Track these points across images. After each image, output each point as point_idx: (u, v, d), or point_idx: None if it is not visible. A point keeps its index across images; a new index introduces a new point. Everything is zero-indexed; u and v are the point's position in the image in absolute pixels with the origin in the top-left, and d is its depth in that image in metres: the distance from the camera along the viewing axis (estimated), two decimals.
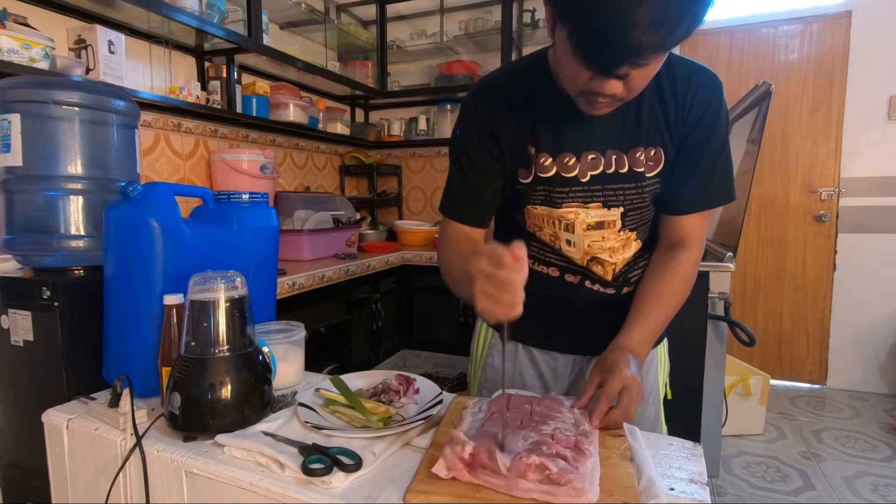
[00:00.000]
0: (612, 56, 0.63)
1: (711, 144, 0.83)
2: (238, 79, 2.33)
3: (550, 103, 0.83)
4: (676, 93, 0.81)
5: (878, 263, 2.87)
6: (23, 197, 1.08)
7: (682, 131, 0.82)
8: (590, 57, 0.65)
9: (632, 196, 0.85)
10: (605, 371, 0.76)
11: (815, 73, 2.91)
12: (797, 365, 3.07)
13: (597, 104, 0.72)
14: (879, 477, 2.08)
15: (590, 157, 0.83)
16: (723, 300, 1.89)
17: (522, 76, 0.87)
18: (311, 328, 1.99)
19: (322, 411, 0.83)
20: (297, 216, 2.38)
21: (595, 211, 0.86)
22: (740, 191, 1.98)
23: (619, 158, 0.83)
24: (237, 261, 1.00)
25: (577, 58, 0.66)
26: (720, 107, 0.83)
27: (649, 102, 0.81)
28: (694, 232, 0.87)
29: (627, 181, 0.84)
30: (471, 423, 0.73)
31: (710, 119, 0.82)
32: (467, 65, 3.02)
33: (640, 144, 0.83)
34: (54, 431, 0.87)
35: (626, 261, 0.91)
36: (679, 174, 0.85)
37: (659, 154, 0.84)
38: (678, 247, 0.88)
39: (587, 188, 0.85)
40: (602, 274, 0.91)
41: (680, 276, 0.86)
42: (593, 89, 0.69)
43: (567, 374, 1.01)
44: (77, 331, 1.05)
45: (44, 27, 1.62)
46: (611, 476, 0.63)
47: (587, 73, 0.67)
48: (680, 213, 0.87)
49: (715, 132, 0.83)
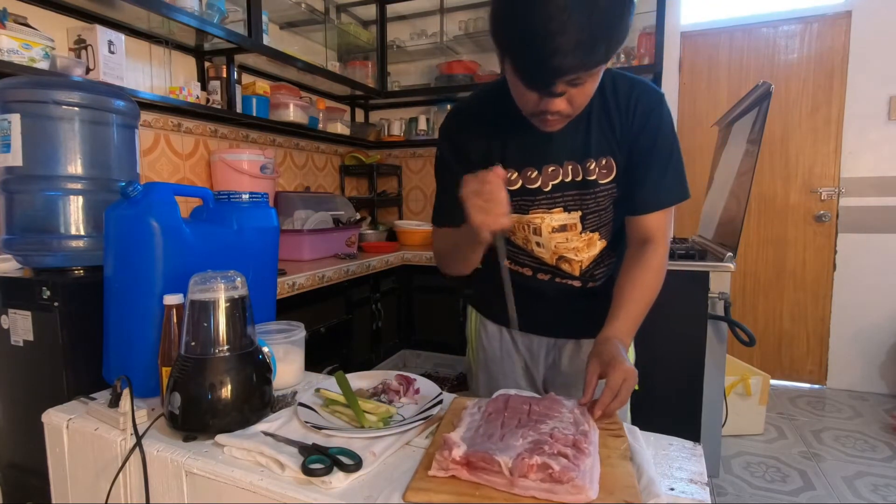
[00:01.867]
0: (544, 77, 0.74)
1: (659, 148, 0.92)
2: (238, 79, 2.33)
3: (514, 123, 0.92)
4: (619, 105, 0.91)
5: (878, 263, 2.87)
6: (23, 197, 1.08)
7: (628, 139, 0.92)
8: (530, 80, 0.76)
9: (588, 201, 0.96)
10: (604, 364, 0.80)
11: (815, 73, 2.90)
12: (797, 365, 3.07)
13: (547, 121, 0.83)
14: (879, 477, 2.07)
15: (550, 168, 0.94)
16: (723, 300, 1.89)
17: (490, 100, 0.97)
18: (311, 328, 1.99)
19: (322, 411, 0.83)
20: (297, 216, 2.38)
21: (557, 215, 0.97)
22: (741, 190, 1.98)
23: (575, 168, 0.94)
24: (237, 261, 1.00)
25: (521, 83, 0.78)
26: (661, 113, 0.92)
27: (597, 117, 0.92)
28: (658, 229, 0.95)
29: (582, 188, 0.94)
30: (469, 424, 0.73)
31: (654, 124, 0.91)
32: (467, 65, 3.02)
33: (591, 156, 0.93)
34: (54, 431, 0.87)
35: (591, 258, 1.02)
36: (634, 178, 0.94)
37: (610, 163, 0.93)
38: (646, 243, 0.96)
39: (549, 196, 0.96)
40: (570, 271, 1.03)
41: (651, 270, 0.94)
42: (542, 108, 0.80)
43: (542, 354, 1.11)
44: (77, 331, 1.06)
45: (44, 27, 1.62)
46: (611, 475, 0.63)
47: (533, 96, 0.78)
48: (640, 213, 0.95)
49: (660, 136, 0.92)
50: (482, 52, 3.10)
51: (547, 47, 0.69)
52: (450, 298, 2.68)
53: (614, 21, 0.70)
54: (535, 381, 1.12)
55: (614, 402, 0.77)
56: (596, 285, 1.05)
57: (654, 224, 0.95)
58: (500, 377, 1.11)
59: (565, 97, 0.78)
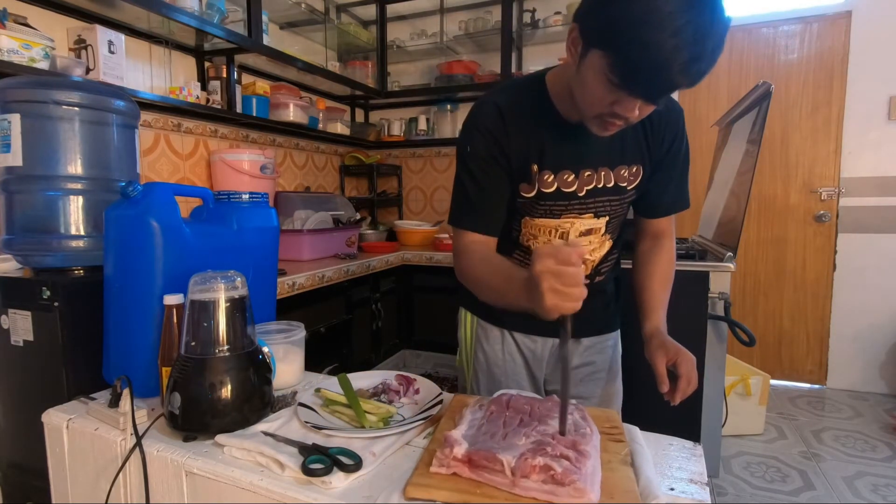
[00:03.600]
0: (663, 85, 0.70)
1: (680, 162, 1.00)
2: (238, 79, 2.33)
3: (552, 124, 0.92)
4: (652, 119, 0.92)
5: (878, 263, 2.87)
6: (23, 197, 1.08)
7: (658, 150, 0.96)
8: (636, 84, 0.71)
9: (615, 206, 0.99)
10: (671, 355, 0.88)
11: (815, 73, 2.90)
12: (797, 365, 3.07)
13: (611, 126, 0.80)
14: (879, 477, 2.07)
15: (586, 173, 0.94)
16: (723, 300, 1.88)
17: (527, 98, 0.94)
18: (311, 328, 1.98)
19: (322, 411, 0.83)
20: (297, 216, 2.38)
21: (587, 220, 0.99)
22: (741, 190, 1.98)
23: (607, 174, 0.95)
24: (237, 261, 1.00)
25: (615, 84, 0.71)
26: (684, 131, 0.99)
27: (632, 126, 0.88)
28: (669, 226, 1.08)
29: (612, 194, 0.97)
30: (470, 422, 0.73)
31: (679, 141, 0.97)
32: (467, 65, 3.02)
33: (625, 163, 0.95)
34: (54, 431, 0.87)
35: (600, 258, 1.05)
36: (657, 186, 1.00)
37: (638, 171, 0.97)
38: (660, 237, 1.07)
39: (582, 201, 0.96)
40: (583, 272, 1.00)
41: (668, 258, 1.06)
42: (615, 112, 0.76)
43: (545, 355, 1.11)
44: (77, 331, 1.05)
45: (44, 27, 1.62)
46: (611, 480, 0.63)
47: (613, 97, 0.74)
48: (659, 216, 1.05)
49: (681, 152, 0.99)
50: (482, 52, 3.10)
51: (679, 53, 0.64)
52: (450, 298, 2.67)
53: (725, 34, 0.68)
54: (537, 381, 1.12)
55: (689, 387, 0.85)
56: (601, 280, 1.07)
57: (668, 222, 1.07)
58: (503, 379, 1.11)
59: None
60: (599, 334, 1.12)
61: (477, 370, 1.15)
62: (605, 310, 1.13)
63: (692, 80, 0.68)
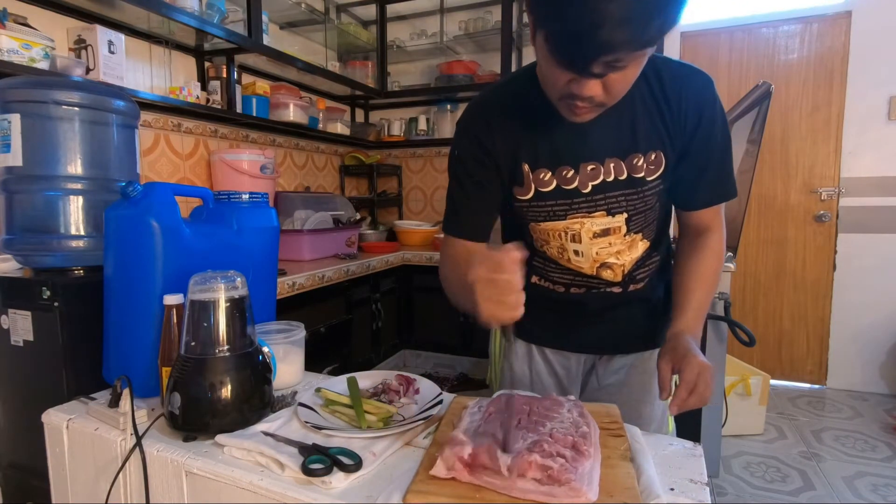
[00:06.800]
0: (585, 53, 0.62)
1: (715, 142, 0.84)
2: (238, 79, 2.33)
3: (543, 117, 0.83)
4: (668, 96, 0.81)
5: (878, 263, 2.86)
6: (23, 197, 1.07)
7: (682, 134, 0.83)
8: (564, 56, 0.65)
9: (634, 201, 0.86)
10: (677, 359, 0.77)
11: (815, 73, 2.90)
12: (797, 365, 3.07)
13: (576, 108, 0.72)
14: (879, 477, 2.07)
15: (589, 167, 0.84)
16: (723, 300, 1.89)
17: (514, 93, 0.87)
18: (311, 328, 1.98)
19: (322, 411, 0.83)
20: (297, 216, 2.38)
21: (600, 219, 0.87)
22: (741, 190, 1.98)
23: (618, 166, 0.83)
24: (237, 261, 1.00)
25: (554, 59, 0.67)
26: (714, 103, 0.83)
27: (643, 108, 0.81)
28: (714, 219, 0.91)
29: (628, 187, 0.84)
30: (469, 423, 0.73)
31: (708, 117, 0.82)
32: (467, 65, 3.02)
33: (639, 151, 0.83)
34: (54, 431, 0.87)
35: (633, 261, 0.92)
36: (689, 174, 0.86)
37: (660, 157, 0.83)
38: (702, 233, 0.91)
39: (589, 198, 0.85)
40: (612, 278, 0.93)
41: (711, 253, 0.90)
42: (572, 92, 0.69)
43: (579, 372, 1.04)
44: (77, 331, 1.05)
45: (44, 27, 1.62)
46: (611, 477, 0.63)
47: (566, 76, 0.68)
48: (697, 209, 0.90)
49: (716, 130, 0.83)
50: (482, 52, 3.10)
51: (593, 16, 0.58)
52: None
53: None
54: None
55: (692, 397, 0.72)
56: (638, 288, 0.96)
57: (712, 214, 0.91)
58: None
59: (601, 81, 0.67)
60: (641, 351, 1.00)
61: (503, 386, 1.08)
62: (650, 321, 0.99)
63: (616, 47, 0.61)
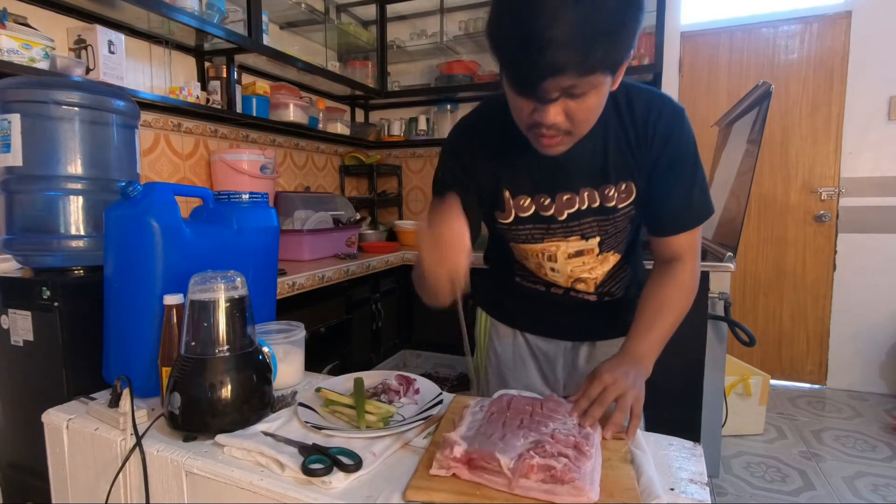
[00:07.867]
0: (534, 75, 0.64)
1: (682, 170, 0.85)
2: (238, 79, 2.33)
3: (522, 146, 0.82)
4: (636, 123, 0.83)
5: (878, 263, 2.86)
6: (23, 197, 1.08)
7: (648, 161, 0.84)
8: (518, 80, 0.67)
9: (606, 226, 0.90)
10: (594, 371, 0.79)
11: (815, 73, 2.90)
12: (797, 365, 3.07)
13: (542, 137, 0.73)
14: (879, 477, 2.07)
15: (565, 196, 0.88)
16: (723, 300, 1.89)
17: (496, 120, 0.86)
18: (311, 328, 1.98)
19: (322, 411, 0.83)
20: (297, 216, 2.38)
21: (575, 243, 0.92)
22: (741, 190, 1.98)
23: (591, 194, 0.87)
24: (237, 261, 1.00)
25: (512, 87, 0.69)
26: (682, 133, 0.84)
27: (614, 139, 0.83)
28: (685, 248, 0.90)
29: (600, 214, 0.88)
30: (470, 423, 0.73)
31: (674, 146, 0.83)
32: (467, 65, 3.02)
33: (610, 182, 0.86)
34: (54, 431, 0.87)
35: (605, 273, 0.97)
36: (656, 200, 0.87)
37: (630, 187, 0.87)
38: (673, 261, 0.90)
39: (565, 225, 0.90)
40: (585, 289, 0.99)
41: (677, 287, 0.88)
42: (536, 120, 0.71)
43: (559, 356, 1.08)
44: (77, 331, 1.05)
45: (44, 27, 1.62)
46: (611, 478, 0.63)
47: (528, 104, 0.70)
48: (666, 236, 0.90)
49: (682, 158, 0.84)
50: (482, 52, 3.10)
51: (537, 41, 0.61)
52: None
53: (618, 20, 0.62)
54: (550, 383, 1.08)
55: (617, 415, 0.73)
56: (612, 300, 1.01)
57: (683, 243, 0.89)
58: (512, 381, 1.08)
59: (563, 110, 0.69)
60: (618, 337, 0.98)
61: (488, 371, 1.13)
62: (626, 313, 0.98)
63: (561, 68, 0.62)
